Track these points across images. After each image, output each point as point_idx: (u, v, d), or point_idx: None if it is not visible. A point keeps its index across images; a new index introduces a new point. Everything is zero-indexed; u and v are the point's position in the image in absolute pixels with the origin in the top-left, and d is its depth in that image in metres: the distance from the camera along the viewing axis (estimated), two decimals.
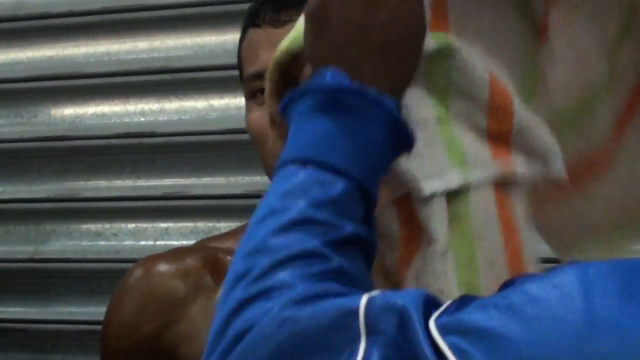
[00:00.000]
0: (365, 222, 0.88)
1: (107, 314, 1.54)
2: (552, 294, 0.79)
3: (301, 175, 0.86)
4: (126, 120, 2.73)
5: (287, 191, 0.86)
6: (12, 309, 2.83)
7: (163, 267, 1.50)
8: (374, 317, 0.80)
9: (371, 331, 0.79)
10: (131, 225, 2.76)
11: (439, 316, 0.79)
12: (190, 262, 1.51)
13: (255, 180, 2.52)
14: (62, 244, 2.82)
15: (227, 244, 1.54)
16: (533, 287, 0.79)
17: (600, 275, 0.78)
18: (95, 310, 2.44)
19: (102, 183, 2.77)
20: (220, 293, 1.37)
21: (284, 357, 0.80)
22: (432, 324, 0.78)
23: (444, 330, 0.77)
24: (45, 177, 2.79)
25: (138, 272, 1.51)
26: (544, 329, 0.77)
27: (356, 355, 0.78)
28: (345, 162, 0.86)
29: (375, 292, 0.82)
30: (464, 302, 0.81)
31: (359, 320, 0.79)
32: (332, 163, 0.86)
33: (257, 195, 2.45)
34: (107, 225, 2.78)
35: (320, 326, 0.80)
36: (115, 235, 2.80)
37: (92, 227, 2.78)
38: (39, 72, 2.79)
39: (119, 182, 2.77)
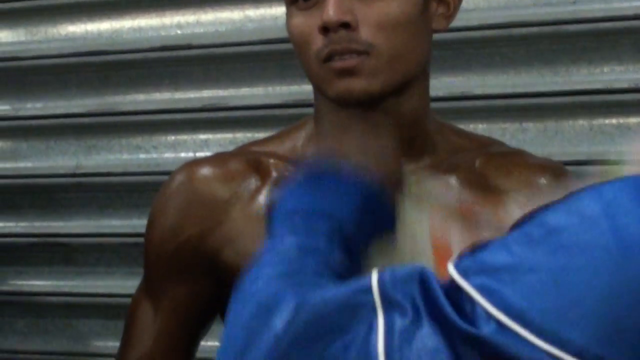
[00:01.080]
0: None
1: (151, 219, 1.56)
2: (573, 221, 0.79)
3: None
4: (163, 33, 2.75)
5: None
6: (55, 224, 2.89)
7: (205, 171, 1.51)
8: (389, 289, 0.82)
9: (387, 302, 0.81)
10: (171, 138, 2.78)
11: (457, 263, 0.81)
12: (233, 165, 1.52)
13: (293, 90, 2.52)
14: (103, 157, 2.86)
15: (269, 147, 1.54)
16: (551, 217, 0.80)
17: (615, 193, 0.78)
18: (138, 223, 2.47)
19: (141, 96, 2.78)
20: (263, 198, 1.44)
21: (302, 345, 0.82)
22: (451, 269, 0.80)
23: (466, 273, 0.78)
24: (85, 92, 2.82)
25: (180, 177, 1.52)
26: (572, 257, 0.77)
27: (375, 329, 0.79)
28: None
29: (381, 269, 0.85)
30: (479, 247, 0.83)
31: (373, 295, 0.81)
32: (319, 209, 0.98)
33: (296, 105, 2.49)
34: (147, 138, 2.80)
35: (334, 309, 0.82)
36: (155, 148, 2.82)
37: (132, 140, 2.81)
38: None
39: (157, 95, 2.78)
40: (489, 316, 0.76)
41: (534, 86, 2.29)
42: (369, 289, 0.81)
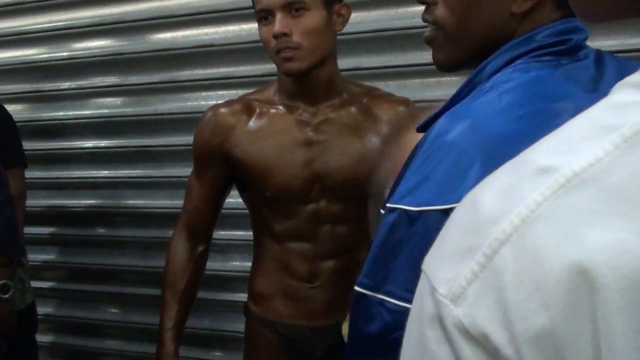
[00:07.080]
0: None
1: (194, 137, 2.18)
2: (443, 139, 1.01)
3: None
4: None
5: None
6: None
7: (222, 110, 2.13)
8: None
9: None
10: (206, 94, 3.46)
11: (386, 201, 1.01)
12: (236, 106, 2.12)
13: (269, 67, 2.80)
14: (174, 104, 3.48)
15: (255, 95, 2.14)
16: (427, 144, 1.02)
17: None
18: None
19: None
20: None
21: None
22: (387, 205, 0.99)
23: (398, 201, 1.01)
24: None
25: (210, 113, 2.14)
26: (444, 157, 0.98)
27: None
28: None
29: None
30: (395, 187, 1.02)
31: None
32: None
33: (270, 74, 2.80)
34: (197, 95, 3.47)
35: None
36: (204, 98, 3.45)
37: (192, 95, 3.49)
38: None
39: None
40: (419, 212, 0.95)
41: None
42: None
